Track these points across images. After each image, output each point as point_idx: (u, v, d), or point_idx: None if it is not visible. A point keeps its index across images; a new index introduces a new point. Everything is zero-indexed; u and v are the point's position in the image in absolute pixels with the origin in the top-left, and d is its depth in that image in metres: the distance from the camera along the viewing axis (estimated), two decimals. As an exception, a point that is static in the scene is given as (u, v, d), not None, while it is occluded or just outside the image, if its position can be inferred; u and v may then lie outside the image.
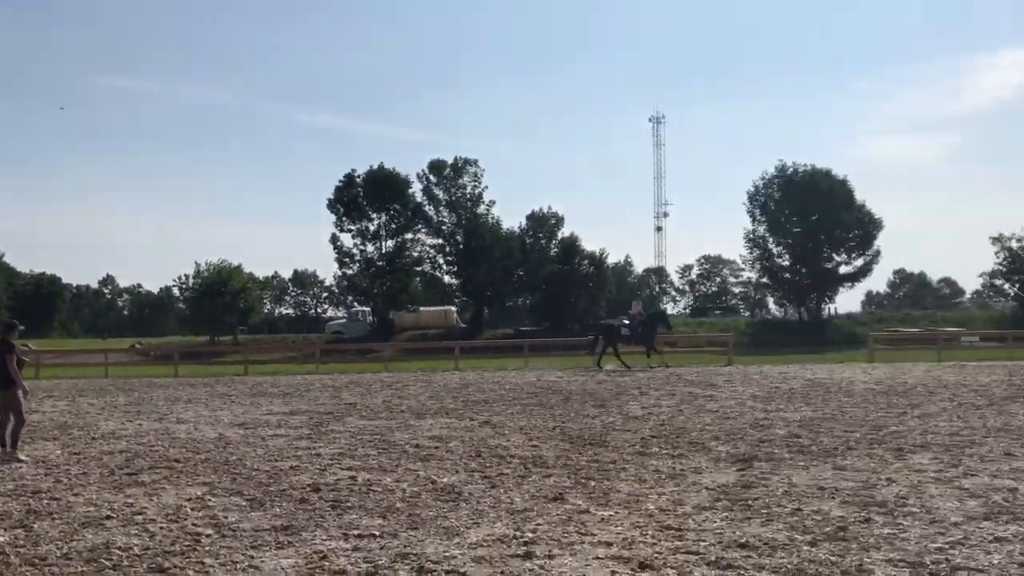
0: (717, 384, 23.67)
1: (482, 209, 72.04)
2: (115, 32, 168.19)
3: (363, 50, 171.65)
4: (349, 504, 8.54)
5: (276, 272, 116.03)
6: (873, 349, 38.44)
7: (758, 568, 6.01)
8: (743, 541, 6.70)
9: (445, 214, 71.57)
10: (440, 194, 71.30)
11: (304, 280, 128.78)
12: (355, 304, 78.25)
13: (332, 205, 70.72)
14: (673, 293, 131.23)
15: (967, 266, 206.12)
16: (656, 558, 6.29)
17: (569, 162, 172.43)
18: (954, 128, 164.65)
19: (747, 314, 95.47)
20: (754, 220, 71.97)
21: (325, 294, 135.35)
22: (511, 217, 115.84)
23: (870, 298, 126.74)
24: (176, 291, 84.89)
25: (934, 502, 8.01)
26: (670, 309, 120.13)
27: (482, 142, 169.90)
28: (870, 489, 8.69)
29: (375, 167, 70.58)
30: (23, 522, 8.06)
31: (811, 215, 68.03)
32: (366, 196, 70.54)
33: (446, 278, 75.32)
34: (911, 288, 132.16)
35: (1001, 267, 72.54)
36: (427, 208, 71.56)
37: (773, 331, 64.05)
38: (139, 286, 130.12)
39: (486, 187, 72.51)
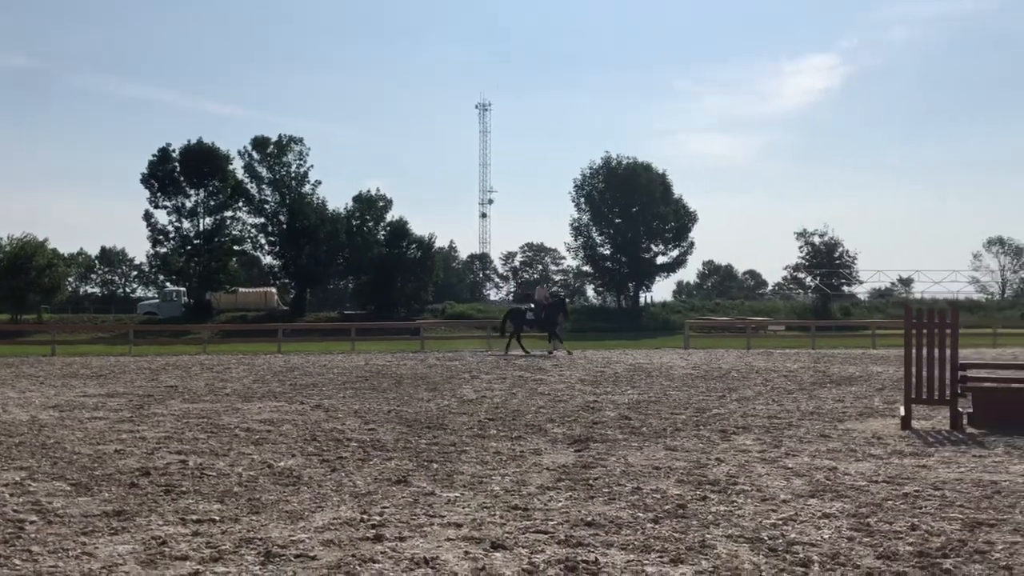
0: (546, 368, 24.14)
1: (307, 189, 70.80)
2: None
3: (178, 21, 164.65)
4: (183, 488, 8.23)
5: (82, 248, 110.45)
6: (688, 336, 40.04)
7: (607, 545, 6.15)
8: (589, 520, 6.85)
9: (268, 192, 69.89)
10: (263, 172, 69.55)
11: (112, 258, 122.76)
12: (168, 284, 75.36)
13: (146, 180, 67.76)
14: (496, 279, 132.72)
15: (770, 260, 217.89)
16: (507, 538, 6.34)
17: (395, 146, 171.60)
18: (763, 129, 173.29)
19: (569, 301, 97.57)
20: (579, 209, 73.86)
21: (135, 273, 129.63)
22: (338, 198, 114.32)
23: (681, 288, 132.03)
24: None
25: (763, 480, 8.42)
26: (492, 296, 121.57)
27: (306, 122, 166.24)
28: (702, 468, 9.04)
29: (192, 142, 67.96)
30: None
31: (632, 207, 70.31)
32: (183, 172, 67.90)
33: (268, 258, 73.57)
34: (718, 279, 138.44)
35: (804, 261, 77.23)
36: (249, 186, 69.60)
37: (593, 318, 65.77)
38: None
39: (311, 166, 71.36)
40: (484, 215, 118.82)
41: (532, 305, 34.03)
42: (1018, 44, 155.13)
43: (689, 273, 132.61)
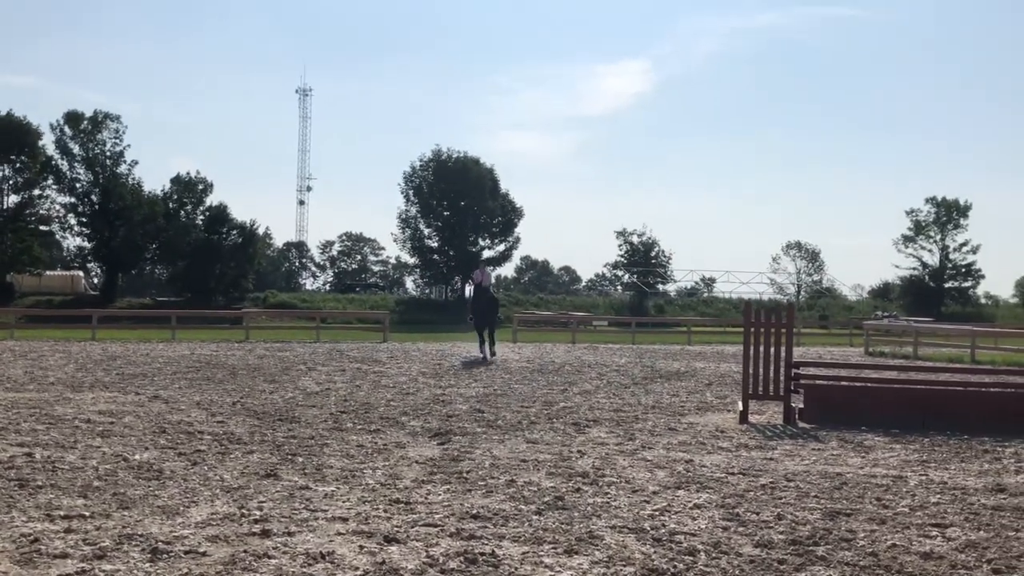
0: (382, 360, 24.01)
1: (123, 169, 67.67)
2: None
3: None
4: (38, 483, 7.79)
5: None
6: (516, 329, 40.66)
7: (498, 537, 6.26)
8: (474, 512, 6.93)
9: (80, 171, 66.35)
10: (76, 149, 65.96)
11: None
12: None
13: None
14: (313, 268, 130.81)
15: (586, 257, 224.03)
16: (398, 532, 6.35)
17: (210, 127, 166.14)
18: (580, 128, 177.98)
19: (384, 292, 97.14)
20: (408, 201, 73.72)
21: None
22: (153, 180, 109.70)
23: (500, 281, 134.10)
24: None
25: (628, 472, 8.73)
26: (310, 284, 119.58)
27: (117, 98, 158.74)
28: (567, 461, 9.29)
29: (1, 113, 63.74)
30: None
31: (461, 200, 70.77)
32: (-13, 145, 63.66)
33: (78, 240, 69.84)
34: (535, 274, 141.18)
35: (622, 258, 79.85)
36: (60, 163, 65.89)
37: (421, 309, 65.86)
38: None
39: (128, 146, 68.32)
40: (302, 202, 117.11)
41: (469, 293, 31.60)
42: (813, 55, 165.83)
43: (507, 268, 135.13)
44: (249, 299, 68.65)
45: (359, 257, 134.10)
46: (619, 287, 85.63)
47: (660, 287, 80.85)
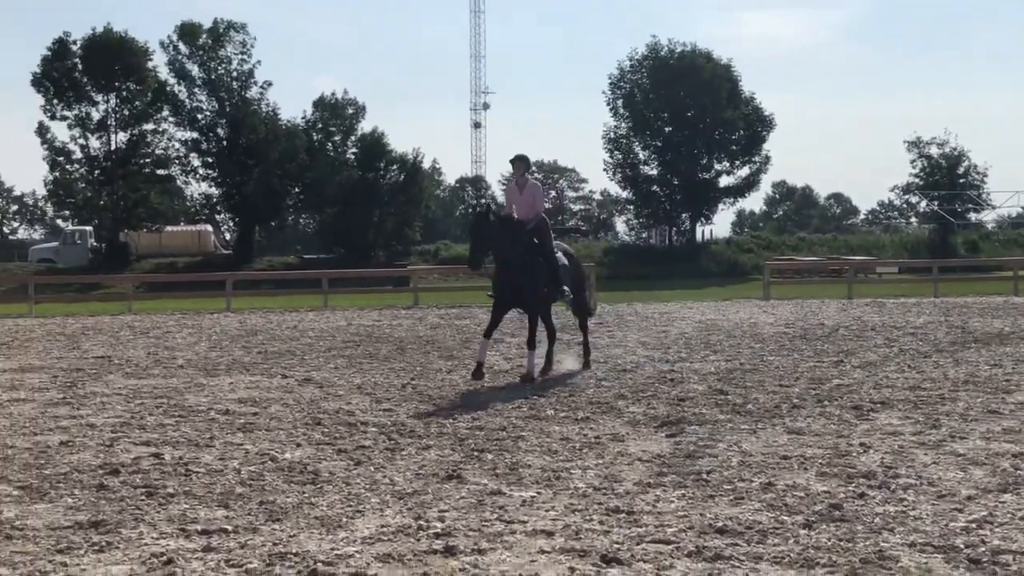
0: (590, 328, 24.18)
1: (254, 93, 70.41)
2: None
3: None
4: (169, 490, 8.33)
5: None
6: (769, 282, 40.06)
7: (755, 559, 6.24)
8: (719, 526, 6.93)
9: (202, 98, 69.59)
10: (194, 70, 69.15)
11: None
12: (65, 222, 75.52)
13: (38, 82, 67.40)
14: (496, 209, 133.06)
15: (864, 180, 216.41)
16: (619, 550, 6.43)
17: (358, 36, 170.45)
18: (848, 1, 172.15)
19: (589, 239, 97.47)
20: (616, 115, 73.30)
21: (15, 207, 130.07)
22: (291, 106, 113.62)
23: (743, 218, 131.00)
24: None
25: (930, 471, 8.51)
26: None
27: (241, 4, 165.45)
28: (845, 457, 9.13)
29: (98, 31, 67.53)
30: None
31: (687, 111, 69.84)
32: (87, 71, 67.54)
33: (203, 186, 73.35)
34: (793, 206, 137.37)
35: (918, 179, 76.74)
36: (176, 89, 69.31)
37: (636, 260, 65.75)
38: None
39: (258, 63, 70.83)
40: (478, 124, 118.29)
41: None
42: None
43: (755, 200, 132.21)
44: (416, 253, 70.53)
45: (553, 194, 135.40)
46: (914, 219, 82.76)
47: (973, 217, 77.62)
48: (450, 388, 14.17)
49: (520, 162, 15.30)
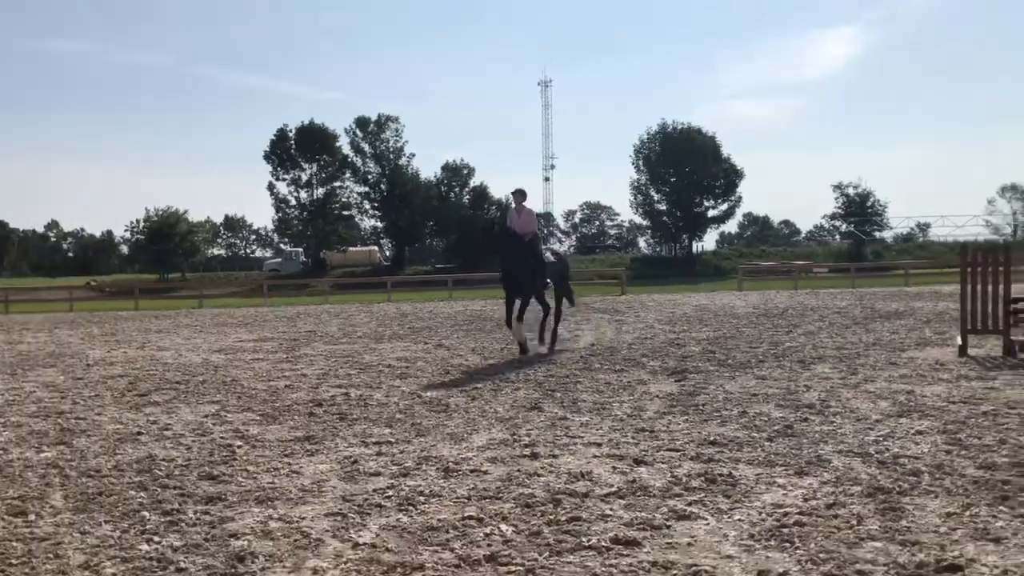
0: (622, 311, 24.03)
1: (403, 161, 71.14)
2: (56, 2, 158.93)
3: (286, 21, 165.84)
4: (354, 416, 8.42)
5: (208, 217, 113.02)
6: (741, 279, 39.42)
7: (735, 460, 6.15)
8: (711, 439, 6.84)
9: (371, 165, 70.48)
10: (366, 147, 70.08)
11: (234, 224, 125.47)
12: (285, 245, 76.69)
13: (268, 156, 68.86)
14: (559, 235, 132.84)
15: (803, 210, 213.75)
16: (645, 455, 6.37)
17: (471, 120, 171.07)
18: (796, 94, 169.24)
19: (620, 252, 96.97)
20: (638, 170, 72.92)
21: (253, 236, 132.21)
22: (427, 168, 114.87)
23: (723, 238, 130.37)
24: (127, 234, 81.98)
25: (852, 403, 8.30)
26: (557, 247, 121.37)
27: (395, 103, 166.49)
28: (795, 394, 8.94)
29: (305, 123, 68.66)
30: (62, 439, 7.71)
31: (685, 166, 69.21)
32: (298, 148, 68.72)
33: (371, 221, 74.32)
34: (757, 229, 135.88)
35: (840, 210, 75.38)
36: (354, 159, 70.23)
37: (652, 266, 65.21)
38: (82, 230, 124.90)
39: (407, 142, 71.67)
40: (547, 179, 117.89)
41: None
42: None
43: (731, 225, 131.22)
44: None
45: (597, 223, 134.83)
46: (837, 236, 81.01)
47: (876, 235, 75.69)
48: (532, 351, 14.13)
49: (519, 194, 14.14)
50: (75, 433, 7.98)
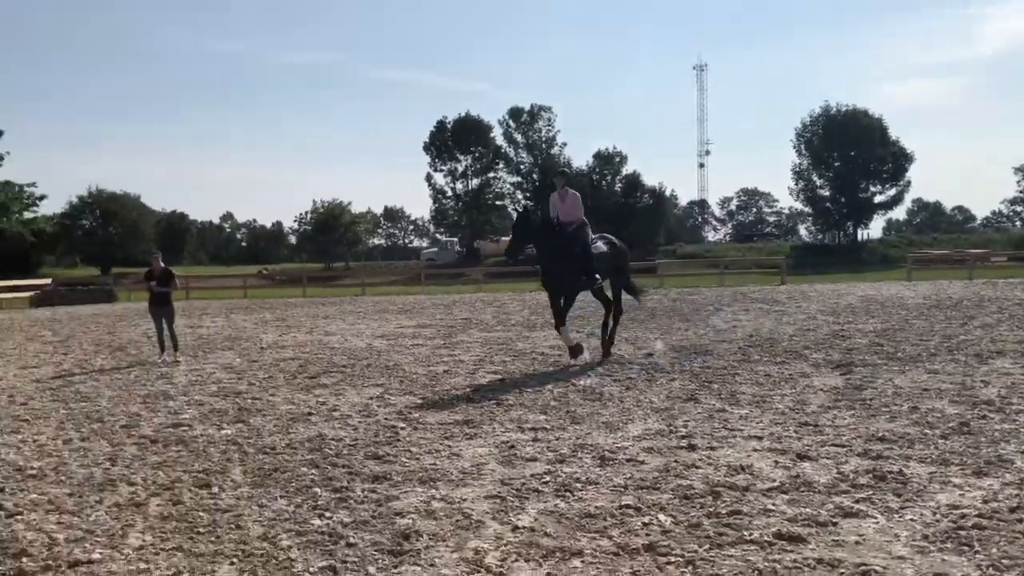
0: (781, 301, 23.26)
1: (555, 150, 71.48)
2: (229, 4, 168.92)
3: (445, 19, 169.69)
4: (510, 402, 8.56)
5: (369, 208, 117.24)
6: (910, 268, 37.33)
7: (905, 458, 5.86)
8: (880, 435, 6.54)
9: (523, 155, 71.19)
10: (519, 138, 70.85)
11: (394, 215, 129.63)
12: (441, 235, 78.63)
13: (427, 147, 70.73)
14: (714, 222, 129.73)
15: (980, 195, 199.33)
16: (809, 450, 6.17)
17: (624, 108, 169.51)
18: (972, 71, 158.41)
19: (779, 240, 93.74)
20: (799, 154, 70.32)
21: (411, 227, 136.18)
22: (579, 157, 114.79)
23: (890, 224, 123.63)
24: (295, 225, 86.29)
25: (1037, 401, 7.74)
26: (711, 236, 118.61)
27: (549, 93, 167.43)
28: (971, 390, 8.41)
29: (462, 115, 70.16)
30: (240, 418, 8.25)
31: (850, 150, 66.15)
32: (454, 141, 70.29)
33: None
34: (927, 215, 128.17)
35: (1022, 194, 70.12)
36: (507, 150, 71.14)
37: (814, 254, 62.69)
38: (254, 221, 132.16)
39: (558, 131, 71.86)
40: (702, 165, 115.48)
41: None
42: None
43: (899, 211, 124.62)
44: (660, 251, 69.64)
45: (754, 210, 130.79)
46: (1018, 223, 75.30)
47: (1066, 220, 70.15)
48: (686, 340, 13.92)
49: (561, 176, 12.91)
50: (251, 412, 8.51)
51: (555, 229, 11.63)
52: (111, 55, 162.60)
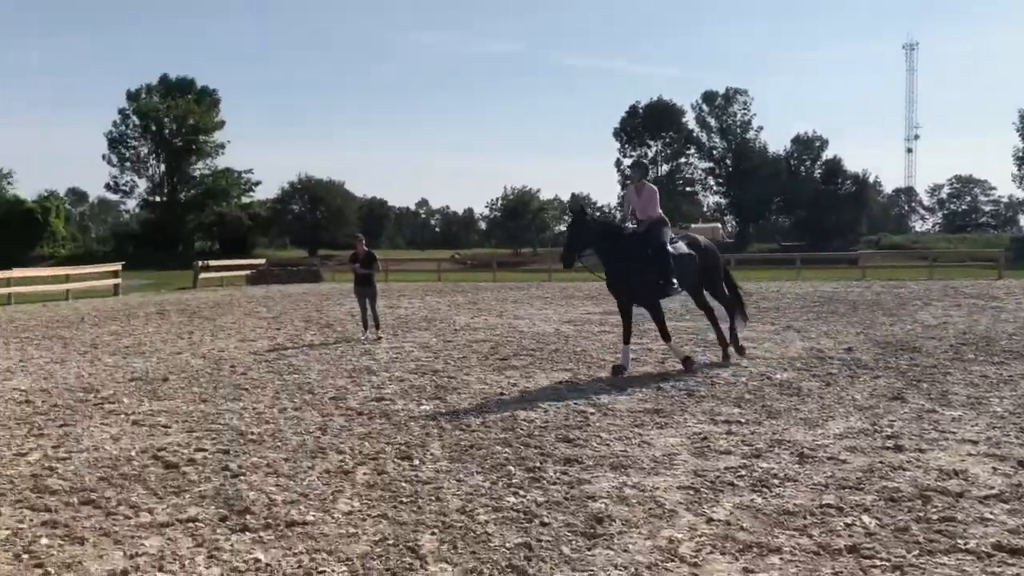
0: (999, 296, 21.50)
1: (751, 135, 69.38)
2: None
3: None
4: (701, 393, 8.44)
5: (556, 195, 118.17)
6: None
7: None
8: (1121, 448, 5.95)
9: (716, 140, 69.54)
10: (712, 122, 69.21)
11: (581, 203, 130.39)
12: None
13: (617, 133, 70.58)
14: (922, 211, 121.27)
15: None
16: (1033, 459, 5.71)
17: (826, 91, 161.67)
18: None
19: (996, 231, 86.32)
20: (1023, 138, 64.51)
21: (598, 214, 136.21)
22: (776, 142, 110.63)
23: None
24: (486, 211, 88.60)
25: None
26: (919, 227, 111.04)
27: (742, 75, 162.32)
28: None
29: (654, 99, 69.40)
30: (437, 395, 8.61)
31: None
32: (645, 126, 69.71)
33: (714, 198, 73.48)
34: None
35: None
36: (699, 135, 69.74)
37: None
38: (447, 207, 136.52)
39: (754, 115, 69.68)
40: (909, 150, 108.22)
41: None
42: None
43: None
44: (863, 242, 66.08)
45: (968, 198, 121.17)
46: None
47: None
48: (892, 336, 13.14)
49: (637, 168, 11.95)
50: (447, 390, 8.85)
51: (619, 229, 10.46)
52: (317, 51, 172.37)
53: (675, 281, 10.12)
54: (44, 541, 4.53)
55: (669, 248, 10.16)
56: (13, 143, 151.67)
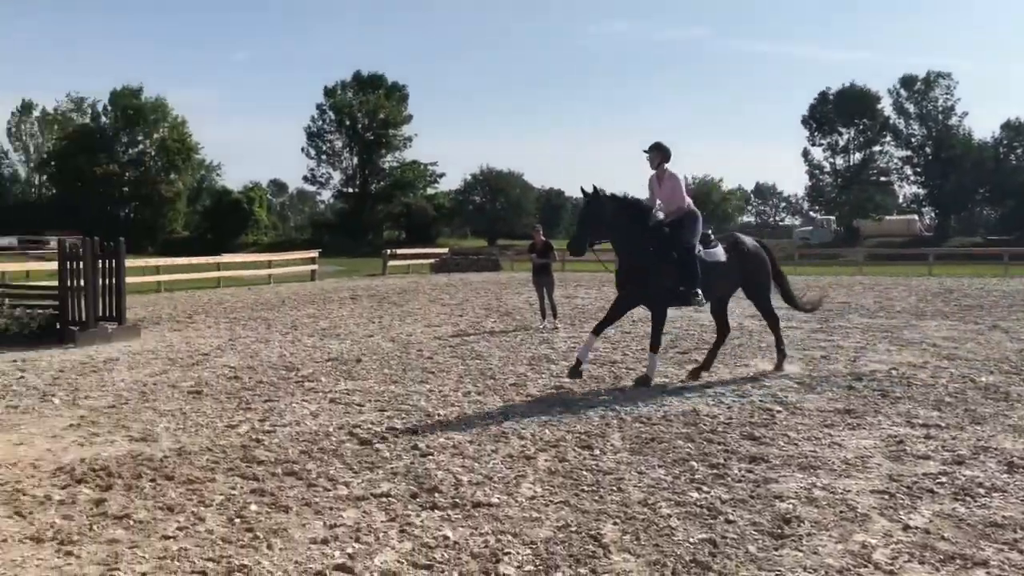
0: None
1: (954, 121, 64.65)
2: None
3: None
4: (897, 395, 8.00)
5: (740, 185, 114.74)
6: None
7: None
8: None
9: (915, 127, 65.31)
10: (911, 108, 65.07)
11: (764, 192, 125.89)
12: (815, 213, 74.83)
13: (805, 121, 67.74)
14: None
15: None
16: None
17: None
18: None
19: None
20: None
21: (783, 204, 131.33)
22: (985, 129, 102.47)
23: None
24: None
25: None
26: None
27: (950, 57, 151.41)
28: None
29: (846, 85, 66.05)
30: (615, 386, 8.62)
31: None
32: (835, 113, 66.51)
33: (912, 188, 69.08)
34: None
35: None
36: (896, 121, 65.73)
37: None
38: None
39: (959, 99, 64.80)
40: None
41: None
42: None
43: None
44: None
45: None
46: None
47: None
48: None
49: (655, 151, 9.08)
50: (626, 381, 8.83)
51: (643, 214, 8.81)
52: (497, 46, 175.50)
53: (699, 291, 8.71)
54: (253, 508, 4.89)
55: (699, 252, 8.79)
56: (222, 138, 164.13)
